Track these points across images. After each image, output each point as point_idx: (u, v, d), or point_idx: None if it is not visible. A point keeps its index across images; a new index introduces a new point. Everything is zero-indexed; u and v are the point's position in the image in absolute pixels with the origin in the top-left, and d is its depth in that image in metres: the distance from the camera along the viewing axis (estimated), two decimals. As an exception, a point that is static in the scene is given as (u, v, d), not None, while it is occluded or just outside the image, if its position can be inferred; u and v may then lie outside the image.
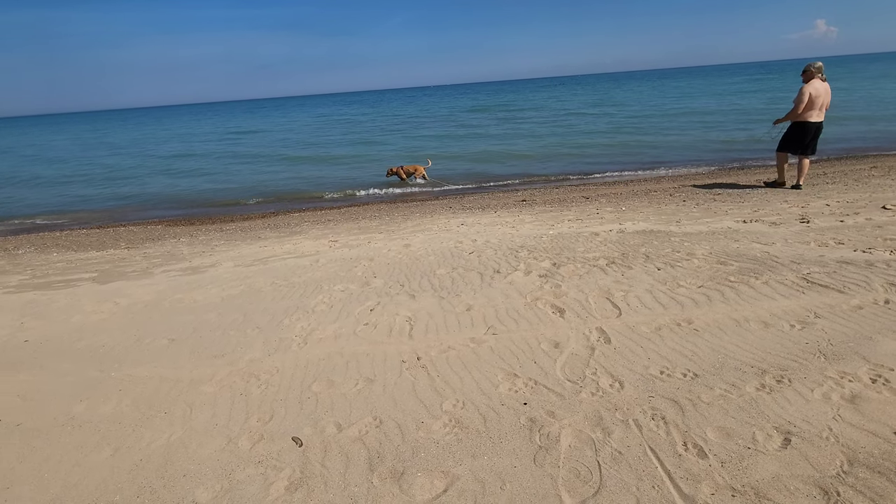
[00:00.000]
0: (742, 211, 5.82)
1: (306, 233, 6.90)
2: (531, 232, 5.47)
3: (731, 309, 2.99)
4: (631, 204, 7.06)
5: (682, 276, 3.59)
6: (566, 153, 14.46)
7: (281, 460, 1.96)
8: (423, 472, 1.84)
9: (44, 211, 11.38)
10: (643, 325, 2.87)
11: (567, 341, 2.75)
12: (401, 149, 17.82)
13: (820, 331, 2.64)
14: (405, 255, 4.81)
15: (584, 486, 1.71)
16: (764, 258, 3.87)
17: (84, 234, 8.57)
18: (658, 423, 2.00)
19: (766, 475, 1.69)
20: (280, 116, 50.64)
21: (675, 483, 1.69)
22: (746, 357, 2.44)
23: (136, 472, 1.96)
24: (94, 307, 3.95)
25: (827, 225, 4.78)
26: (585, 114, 26.29)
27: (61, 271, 5.41)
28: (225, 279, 4.50)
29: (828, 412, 1.98)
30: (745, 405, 2.07)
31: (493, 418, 2.12)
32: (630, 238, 4.81)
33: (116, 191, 13.65)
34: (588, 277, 3.73)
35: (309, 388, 2.47)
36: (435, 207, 8.49)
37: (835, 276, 3.36)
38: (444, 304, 3.43)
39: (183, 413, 2.34)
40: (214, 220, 9.33)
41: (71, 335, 3.39)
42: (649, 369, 2.40)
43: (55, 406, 2.48)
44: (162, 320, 3.56)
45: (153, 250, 6.41)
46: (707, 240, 4.53)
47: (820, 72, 6.74)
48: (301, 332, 3.17)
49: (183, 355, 2.95)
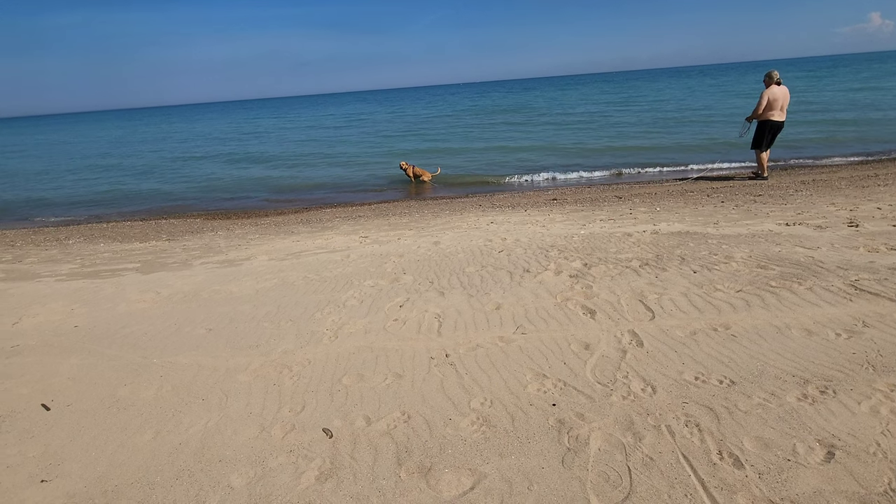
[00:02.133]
0: (784, 213, 5.58)
1: (337, 228, 7.02)
2: (562, 231, 5.40)
3: (772, 315, 2.88)
4: (666, 204, 6.87)
5: (720, 280, 3.48)
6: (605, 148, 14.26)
7: (312, 450, 2.01)
8: (450, 469, 1.85)
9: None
10: (677, 329, 2.79)
11: (598, 343, 2.71)
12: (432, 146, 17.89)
13: (868, 340, 2.51)
14: (435, 253, 4.83)
15: (613, 490, 1.69)
16: (808, 263, 3.70)
17: (128, 226, 8.96)
18: (692, 430, 1.94)
19: (807, 489, 1.62)
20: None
21: (708, 492, 1.64)
22: (787, 365, 2.35)
23: (176, 455, 2.04)
24: (138, 296, 4.13)
25: (878, 229, 4.53)
26: (615, 113, 25.61)
27: (108, 261, 5.68)
28: (259, 272, 4.63)
29: (876, 426, 1.89)
30: (785, 415, 1.99)
31: (522, 418, 2.11)
32: (665, 239, 4.69)
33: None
34: (620, 279, 3.66)
35: (339, 381, 2.52)
36: (465, 205, 8.49)
37: (886, 284, 3.19)
38: (474, 302, 3.43)
39: (219, 400, 2.43)
40: (250, 214, 9.60)
41: (117, 322, 3.56)
42: (683, 374, 2.34)
43: (102, 389, 2.61)
44: (200, 310, 3.69)
45: (192, 243, 6.65)
46: (746, 242, 4.37)
47: (777, 78, 8.26)
48: (332, 325, 3.23)
49: (220, 345, 3.05)
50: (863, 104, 19.99)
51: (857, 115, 17.10)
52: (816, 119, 16.55)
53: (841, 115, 17.13)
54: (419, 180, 11.51)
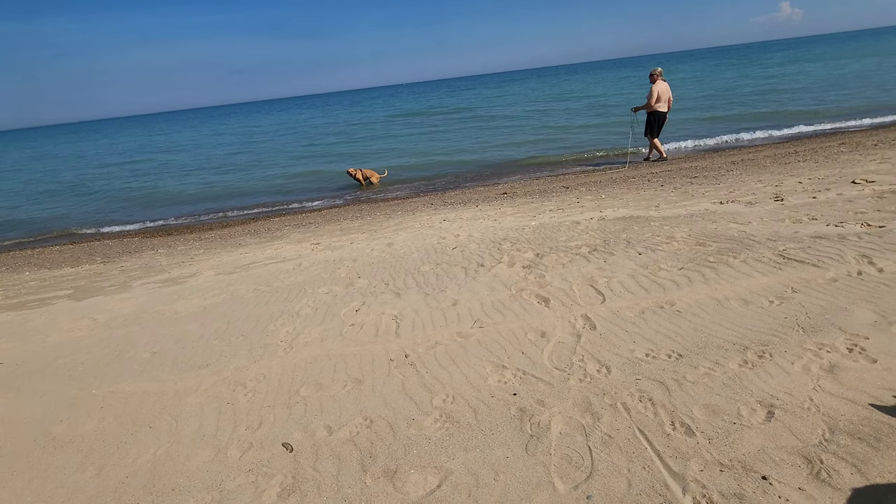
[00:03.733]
0: (718, 192, 5.92)
1: (287, 237, 6.82)
2: (513, 224, 5.49)
3: (712, 289, 3.05)
4: (610, 191, 7.13)
5: (663, 260, 3.64)
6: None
7: (272, 467, 1.93)
8: (416, 469, 1.83)
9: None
10: (627, 310, 2.90)
11: (553, 330, 2.77)
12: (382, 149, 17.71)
13: (797, 305, 2.70)
14: (388, 254, 4.78)
15: (576, 471, 1.73)
16: (741, 237, 3.94)
17: (57, 251, 8.33)
18: (646, 405, 2.02)
19: (752, 448, 1.72)
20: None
21: (664, 462, 1.71)
22: (728, 335, 2.49)
23: (123, 489, 1.91)
24: (72, 324, 3.84)
25: (800, 202, 4.89)
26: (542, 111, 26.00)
27: (35, 290, 5.25)
28: (206, 288, 4.42)
29: (808, 383, 2.03)
30: (728, 382, 2.11)
31: (484, 411, 2.13)
32: (611, 225, 4.86)
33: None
34: (571, 266, 3.76)
35: (297, 393, 2.44)
36: (416, 205, 8.46)
37: (809, 251, 3.45)
38: (430, 301, 3.42)
39: (169, 426, 2.29)
40: (193, 229, 9.16)
41: (48, 354, 3.29)
42: (635, 353, 2.43)
43: (35, 428, 2.40)
44: (143, 334, 3.48)
45: (130, 263, 6.27)
46: (686, 222, 4.60)
47: (661, 75, 9.31)
48: (286, 336, 3.13)
49: (166, 368, 2.89)
50: (772, 87, 21.50)
51: (771, 96, 18.46)
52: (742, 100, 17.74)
53: (759, 97, 18.44)
54: (369, 182, 11.43)
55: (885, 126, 11.04)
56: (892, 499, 1.47)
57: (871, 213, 4.15)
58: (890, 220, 3.90)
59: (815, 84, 20.86)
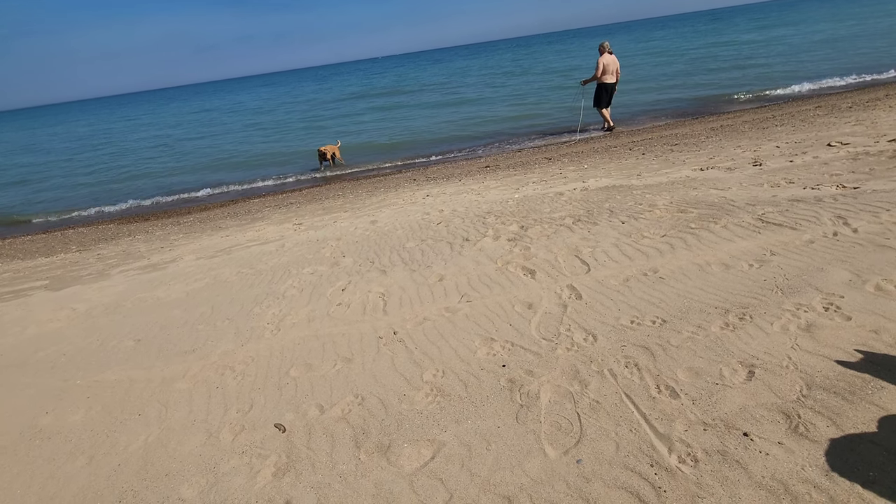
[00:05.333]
0: (698, 159, 5.97)
1: (269, 218, 6.70)
2: (497, 197, 5.47)
3: (694, 254, 3.10)
4: (592, 161, 7.13)
5: (646, 228, 3.68)
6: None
7: (265, 448, 1.94)
8: (409, 443, 1.86)
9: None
10: (612, 279, 2.94)
11: (540, 301, 2.80)
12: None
13: (776, 267, 2.77)
14: (373, 232, 4.74)
15: (565, 437, 1.77)
16: (721, 203, 3.99)
17: (29, 240, 8.08)
18: (632, 371, 2.07)
19: (734, 407, 1.78)
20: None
21: (650, 424, 1.76)
22: (710, 299, 2.54)
23: (115, 476, 1.91)
24: (50, 315, 3.75)
25: (778, 166, 4.96)
26: None
27: (9, 282, 5.10)
28: (188, 273, 4.35)
29: (786, 342, 2.10)
30: (711, 344, 2.16)
31: (474, 383, 2.15)
32: (594, 195, 4.88)
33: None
34: (556, 237, 3.78)
35: (287, 374, 2.44)
36: (399, 181, 8.37)
37: (787, 215, 3.51)
38: (416, 277, 3.42)
39: (158, 413, 2.28)
40: (170, 213, 8.94)
41: (28, 347, 3.22)
42: (620, 320, 2.48)
43: (19, 421, 2.37)
44: (125, 322, 3.42)
45: (107, 251, 6.11)
46: (667, 190, 4.64)
47: (608, 48, 9.75)
48: (273, 318, 3.11)
49: (151, 355, 2.86)
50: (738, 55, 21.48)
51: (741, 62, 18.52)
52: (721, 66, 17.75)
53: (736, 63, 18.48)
54: (336, 160, 10.95)
55: (861, 87, 11.19)
56: (865, 447, 1.54)
57: (845, 175, 4.24)
58: (864, 182, 3.98)
59: (791, 49, 20.95)
